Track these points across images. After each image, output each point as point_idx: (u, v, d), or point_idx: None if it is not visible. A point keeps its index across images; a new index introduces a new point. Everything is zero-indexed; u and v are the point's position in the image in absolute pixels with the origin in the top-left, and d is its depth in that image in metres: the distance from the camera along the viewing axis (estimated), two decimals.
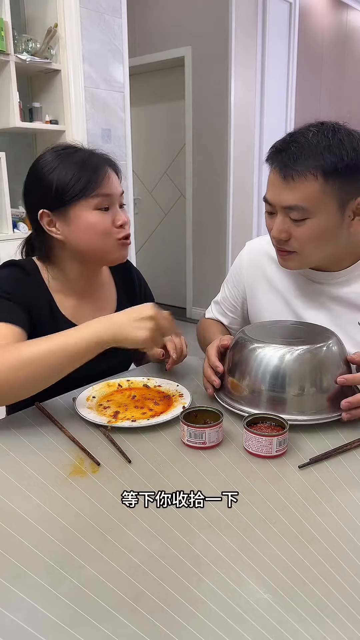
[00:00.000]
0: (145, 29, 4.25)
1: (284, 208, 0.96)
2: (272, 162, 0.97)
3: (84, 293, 1.16)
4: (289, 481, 0.76)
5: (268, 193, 0.99)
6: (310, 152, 0.92)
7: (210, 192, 4.24)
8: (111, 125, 2.74)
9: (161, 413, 0.95)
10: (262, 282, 1.21)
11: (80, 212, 1.04)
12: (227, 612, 0.53)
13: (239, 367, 0.95)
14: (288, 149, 0.94)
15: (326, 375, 0.91)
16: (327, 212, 0.95)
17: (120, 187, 1.10)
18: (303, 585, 0.57)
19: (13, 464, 0.81)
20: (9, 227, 2.32)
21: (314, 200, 0.93)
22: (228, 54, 3.81)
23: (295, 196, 0.93)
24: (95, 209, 1.05)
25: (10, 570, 0.59)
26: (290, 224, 0.97)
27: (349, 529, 0.66)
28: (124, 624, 0.52)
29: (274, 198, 0.97)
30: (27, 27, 2.55)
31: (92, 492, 0.73)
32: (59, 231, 1.07)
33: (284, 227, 0.98)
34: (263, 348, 0.93)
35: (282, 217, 0.97)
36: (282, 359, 0.90)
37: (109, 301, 1.21)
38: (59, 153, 1.07)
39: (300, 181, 0.92)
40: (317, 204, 0.93)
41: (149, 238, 4.97)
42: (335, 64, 4.96)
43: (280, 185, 0.95)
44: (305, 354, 0.91)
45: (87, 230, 1.05)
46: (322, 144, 0.92)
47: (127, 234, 1.09)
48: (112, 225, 1.07)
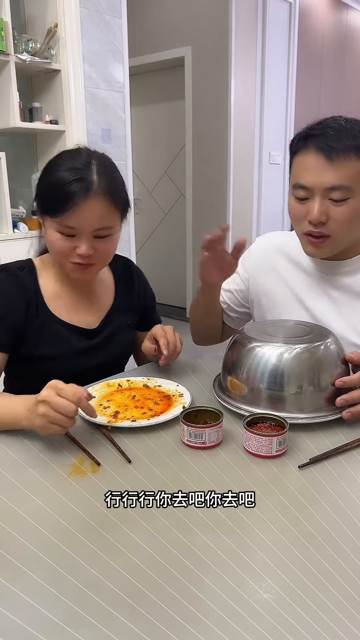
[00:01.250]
0: (145, 29, 4.25)
1: (326, 189, 0.97)
2: (307, 147, 0.99)
3: (77, 290, 1.16)
4: (289, 481, 0.76)
5: (305, 178, 0.99)
6: (348, 134, 0.96)
7: (210, 192, 4.24)
8: (111, 125, 2.73)
9: (161, 413, 0.95)
10: (271, 274, 1.22)
11: (47, 226, 1.04)
12: (227, 612, 0.53)
13: (238, 366, 0.96)
14: (326, 133, 0.97)
15: (324, 374, 0.92)
16: None
17: (97, 222, 1.01)
18: (303, 585, 0.57)
19: (13, 464, 0.81)
20: (9, 227, 2.32)
21: (356, 179, 0.96)
22: (228, 54, 3.81)
23: (339, 175, 0.96)
24: (57, 231, 1.02)
25: (10, 570, 0.59)
26: (329, 206, 0.98)
27: (349, 529, 0.66)
28: (124, 624, 0.52)
29: (314, 180, 0.98)
30: (27, 27, 2.55)
31: (92, 492, 0.73)
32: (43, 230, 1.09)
33: (323, 209, 0.98)
34: (262, 347, 0.93)
35: (321, 199, 0.98)
36: (281, 357, 0.91)
37: (105, 297, 1.22)
38: (60, 162, 1.04)
39: (344, 160, 0.95)
40: (358, 183, 0.96)
41: (149, 238, 4.97)
42: (335, 64, 4.96)
43: (323, 166, 0.96)
44: (303, 353, 0.91)
45: (49, 243, 1.06)
46: (357, 128, 0.97)
47: (83, 263, 1.04)
48: (72, 250, 1.03)
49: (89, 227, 1.01)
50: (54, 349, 1.11)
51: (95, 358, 1.16)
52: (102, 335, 1.17)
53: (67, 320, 1.12)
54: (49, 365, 1.10)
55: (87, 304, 1.17)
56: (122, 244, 2.86)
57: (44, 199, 1.04)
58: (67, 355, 1.12)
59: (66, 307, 1.14)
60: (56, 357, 1.11)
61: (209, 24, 3.87)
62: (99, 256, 1.05)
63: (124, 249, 2.89)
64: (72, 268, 1.06)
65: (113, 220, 1.04)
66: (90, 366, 1.15)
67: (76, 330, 1.13)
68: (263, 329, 1.01)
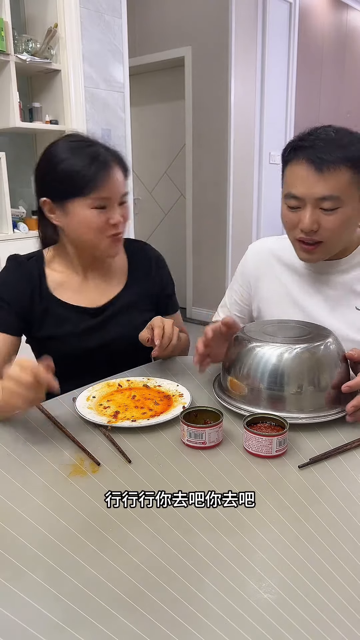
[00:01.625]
0: (145, 29, 4.25)
1: (317, 200, 1.00)
2: (297, 158, 1.01)
3: (88, 272, 1.21)
4: (289, 481, 0.76)
5: (297, 188, 1.02)
6: (337, 145, 0.98)
7: (210, 192, 4.24)
8: (111, 125, 2.73)
9: (161, 413, 0.95)
10: (267, 278, 1.24)
11: (77, 208, 1.08)
12: (227, 612, 0.53)
13: (238, 366, 0.96)
14: (316, 145, 0.99)
15: (324, 373, 0.92)
16: (354, 201, 1.01)
17: (122, 188, 1.11)
18: (303, 585, 0.57)
19: (13, 464, 0.81)
20: (9, 227, 2.32)
21: (346, 189, 0.99)
22: (228, 54, 3.81)
23: (329, 186, 0.98)
24: (92, 208, 1.07)
25: (10, 570, 0.59)
26: (320, 215, 1.01)
27: (349, 529, 0.66)
28: (124, 624, 0.52)
29: (305, 191, 1.00)
30: (27, 27, 2.55)
31: (92, 492, 0.73)
32: (58, 219, 1.13)
33: (315, 218, 1.01)
34: (262, 347, 0.93)
35: (313, 208, 1.01)
36: (281, 357, 0.91)
37: (116, 281, 1.25)
38: (71, 145, 1.10)
39: (334, 172, 0.98)
40: (348, 192, 0.99)
41: (149, 238, 4.97)
42: (335, 64, 4.96)
43: (313, 177, 0.99)
44: (303, 353, 0.91)
45: (81, 225, 1.10)
46: (346, 139, 1.00)
47: (119, 232, 1.12)
48: (106, 224, 1.09)
49: (119, 194, 1.10)
50: (59, 329, 1.16)
51: (100, 335, 1.18)
52: (107, 313, 1.20)
53: (72, 302, 1.18)
54: (56, 345, 1.15)
55: (96, 287, 1.22)
56: None
57: (67, 183, 1.07)
58: (72, 335, 1.16)
59: (73, 290, 1.19)
60: (61, 337, 1.16)
61: (209, 24, 3.87)
62: (125, 224, 1.13)
63: None
64: (108, 243, 1.12)
65: (127, 185, 1.14)
66: (95, 345, 1.17)
67: (80, 310, 1.18)
68: (263, 329, 1.01)
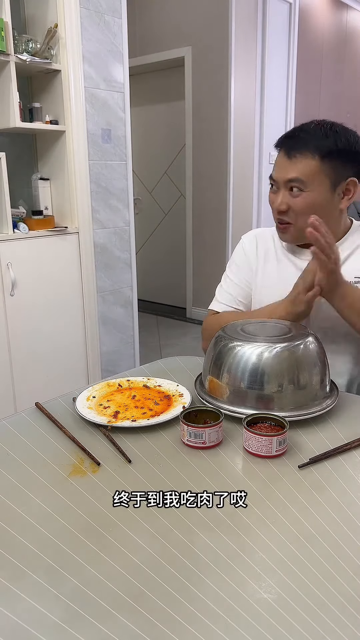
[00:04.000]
0: (145, 30, 4.25)
1: (286, 182, 1.13)
2: (280, 146, 1.16)
3: None
4: (289, 481, 0.76)
5: (274, 172, 1.17)
6: (311, 137, 1.11)
7: (210, 192, 4.24)
8: (111, 126, 2.73)
9: (161, 413, 0.95)
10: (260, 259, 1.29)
11: None
12: (227, 612, 0.53)
13: (218, 365, 0.97)
14: (294, 136, 1.14)
15: (304, 372, 0.93)
16: (321, 188, 1.12)
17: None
18: (303, 585, 0.57)
19: (13, 464, 0.81)
20: (9, 227, 2.32)
21: (311, 175, 1.10)
22: (228, 54, 3.81)
23: (295, 170, 1.11)
24: None
25: (10, 570, 0.59)
26: (289, 197, 1.14)
27: (349, 529, 0.66)
28: (124, 624, 0.52)
29: (278, 175, 1.15)
30: (27, 27, 2.55)
31: (92, 492, 0.73)
32: None
33: (284, 199, 1.14)
34: (242, 346, 0.94)
35: (284, 190, 1.15)
36: (261, 356, 0.92)
37: None
38: None
39: (301, 158, 1.11)
40: (313, 178, 1.11)
41: (149, 238, 4.97)
42: (335, 64, 4.96)
43: (285, 163, 1.13)
44: (283, 352, 0.92)
45: None
46: (321, 132, 1.12)
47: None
48: None
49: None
50: None
51: None
52: None
53: None
54: None
55: None
56: (122, 244, 2.86)
57: None
58: None
59: None
60: None
61: (209, 24, 3.87)
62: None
63: (124, 248, 2.89)
64: None
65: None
66: None
67: None
68: (243, 328, 1.02)
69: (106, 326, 2.85)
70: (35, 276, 2.39)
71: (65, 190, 2.57)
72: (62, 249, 2.52)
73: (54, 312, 2.50)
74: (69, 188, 2.55)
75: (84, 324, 2.69)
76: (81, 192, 2.57)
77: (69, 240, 2.55)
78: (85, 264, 2.63)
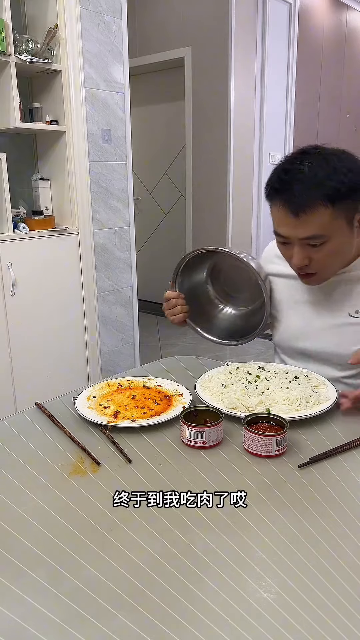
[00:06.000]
0: (145, 30, 4.25)
1: (301, 239, 1.00)
2: (275, 201, 1.01)
3: None
4: (288, 481, 0.76)
5: (281, 229, 1.02)
6: (312, 184, 0.96)
7: (210, 192, 4.24)
8: (111, 126, 2.73)
9: (161, 413, 0.95)
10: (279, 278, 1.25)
11: None
12: (227, 612, 0.53)
13: None
14: (290, 188, 0.97)
15: None
16: (340, 231, 1.00)
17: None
18: (303, 585, 0.57)
19: (13, 464, 0.81)
20: (9, 227, 2.32)
21: (329, 227, 0.98)
22: (228, 54, 3.81)
23: (311, 228, 0.98)
24: None
25: (10, 570, 0.59)
26: (309, 250, 1.02)
27: (349, 529, 0.66)
28: (124, 623, 0.52)
29: (289, 233, 1.01)
30: (27, 27, 2.55)
31: (92, 492, 0.73)
32: None
33: (304, 254, 1.03)
34: None
35: (300, 247, 1.02)
36: None
37: None
38: None
39: (312, 214, 0.97)
40: (332, 228, 0.99)
41: (149, 238, 4.97)
42: (334, 64, 4.96)
43: (293, 222, 0.99)
44: None
45: None
46: (320, 174, 0.96)
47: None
48: None
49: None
50: None
51: None
52: None
53: None
54: None
55: None
56: (122, 244, 2.87)
57: None
58: None
59: None
60: None
61: (209, 25, 3.87)
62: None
63: (124, 248, 2.89)
64: None
65: None
66: None
67: None
68: None
69: (106, 326, 2.85)
70: (35, 276, 2.39)
71: (65, 190, 2.57)
72: (63, 249, 2.52)
73: (54, 312, 2.51)
74: (69, 188, 2.55)
75: (84, 324, 2.69)
76: (81, 192, 2.57)
77: (69, 240, 2.55)
78: (86, 264, 2.63)
